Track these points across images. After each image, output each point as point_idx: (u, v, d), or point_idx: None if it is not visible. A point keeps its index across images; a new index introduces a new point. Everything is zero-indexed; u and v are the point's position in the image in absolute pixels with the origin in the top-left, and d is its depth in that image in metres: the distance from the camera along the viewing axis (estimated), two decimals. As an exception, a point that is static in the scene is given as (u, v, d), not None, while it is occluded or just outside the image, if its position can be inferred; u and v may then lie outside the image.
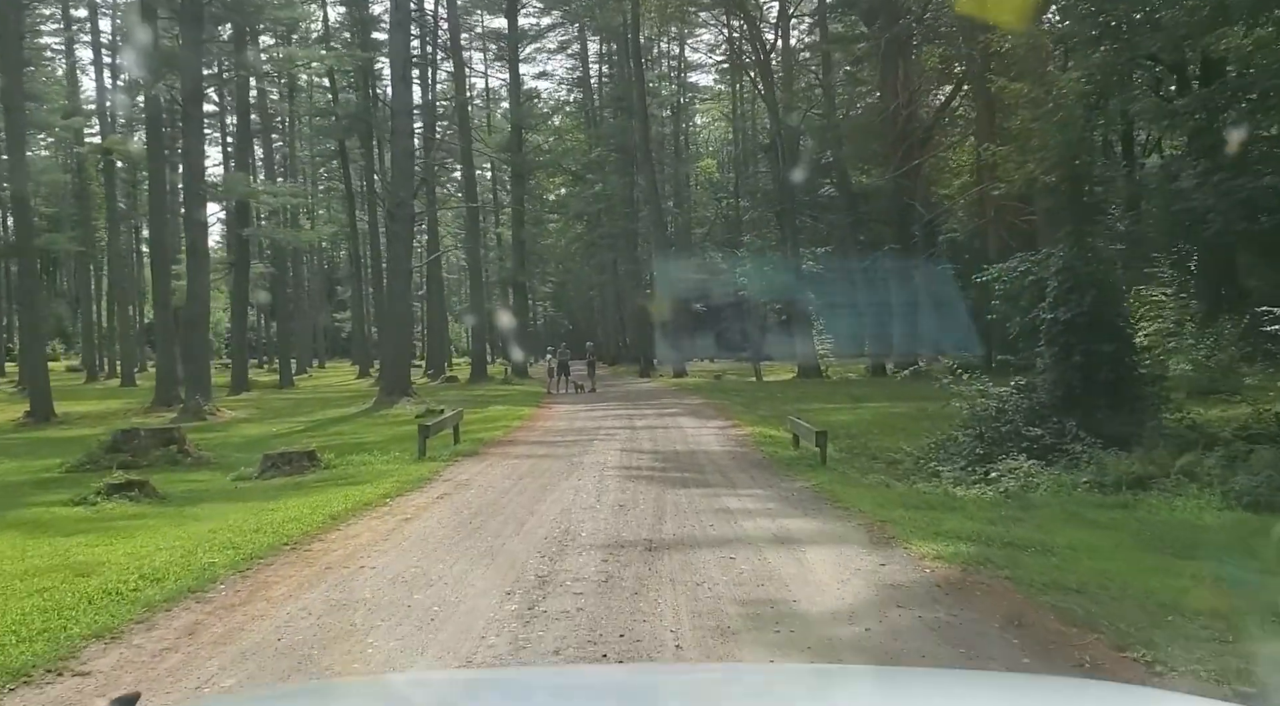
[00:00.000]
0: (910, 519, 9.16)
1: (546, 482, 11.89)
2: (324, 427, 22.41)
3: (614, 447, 15.57)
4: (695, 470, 12.99)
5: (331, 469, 14.03)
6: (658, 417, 21.24)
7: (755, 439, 16.70)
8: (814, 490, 11.10)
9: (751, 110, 53.77)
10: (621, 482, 11.74)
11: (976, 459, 13.45)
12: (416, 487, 11.68)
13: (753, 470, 12.96)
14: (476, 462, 14.10)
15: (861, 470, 14.11)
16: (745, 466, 13.33)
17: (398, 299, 26.26)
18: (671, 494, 10.86)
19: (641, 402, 26.32)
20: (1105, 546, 8.16)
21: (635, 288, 50.65)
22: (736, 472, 12.68)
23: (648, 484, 11.70)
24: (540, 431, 18.90)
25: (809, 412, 22.35)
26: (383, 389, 26.35)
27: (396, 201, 26.10)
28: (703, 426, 19.24)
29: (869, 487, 11.73)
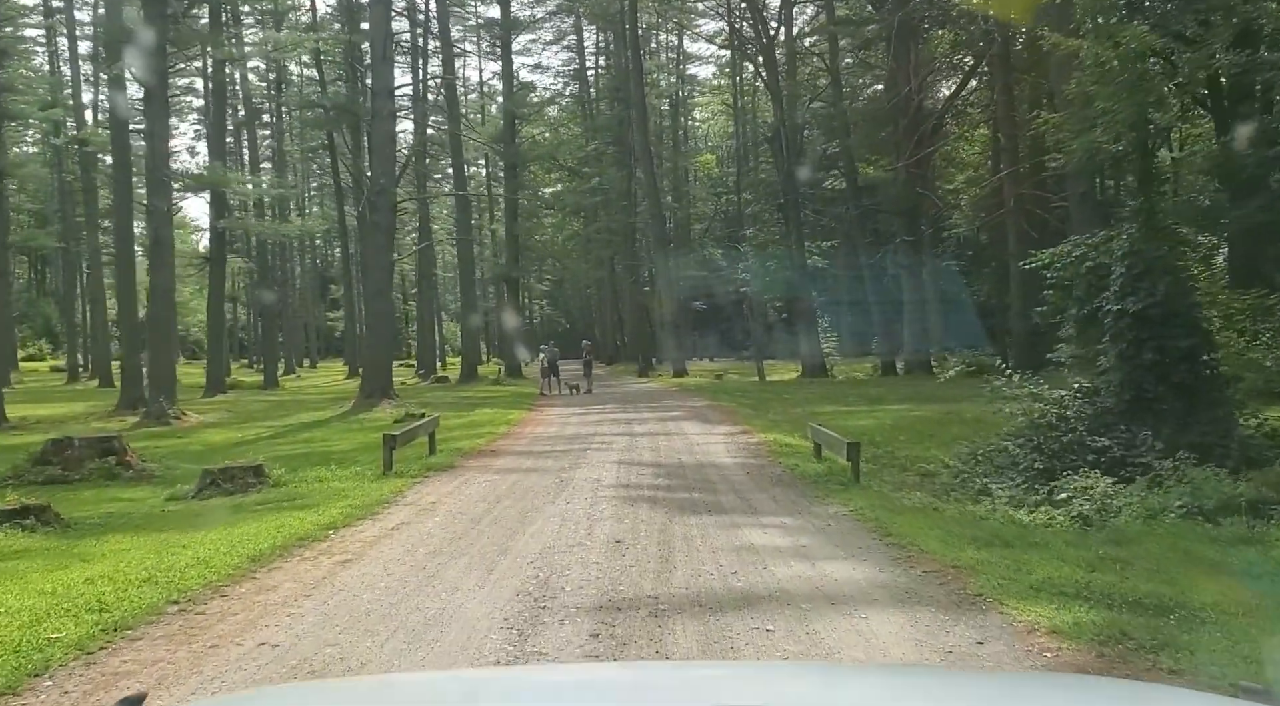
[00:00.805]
0: (988, 563, 7.04)
1: (529, 506, 9.75)
2: (293, 434, 20.28)
3: (610, 459, 13.44)
4: (706, 488, 10.85)
5: (280, 486, 11.88)
6: (659, 422, 19.12)
7: (770, 448, 14.57)
8: (854, 517, 8.98)
9: (752, 103, 51.62)
10: (618, 507, 9.61)
11: (1036, 474, 11.31)
12: (371, 513, 9.54)
13: (774, 488, 10.82)
14: (450, 479, 11.96)
15: (896, 485, 12.03)
16: (764, 483, 11.19)
17: (378, 294, 24.10)
18: (680, 523, 8.74)
19: (640, 405, 24.19)
20: (1268, 607, 6.02)
21: (633, 285, 48.53)
22: (755, 492, 10.54)
23: (650, 508, 9.57)
24: (528, 439, 16.76)
25: (823, 416, 20.25)
26: (362, 391, 24.22)
27: (377, 189, 23.95)
28: (709, 433, 17.11)
29: (916, 512, 9.60)
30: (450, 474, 12.40)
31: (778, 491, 10.60)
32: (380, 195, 23.79)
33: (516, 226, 39.25)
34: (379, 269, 24.13)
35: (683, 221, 55.79)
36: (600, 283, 54.12)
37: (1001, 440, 13.13)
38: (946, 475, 13.38)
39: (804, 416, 20.19)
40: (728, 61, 53.12)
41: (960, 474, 13.04)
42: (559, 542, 7.94)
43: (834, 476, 11.37)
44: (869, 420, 19.18)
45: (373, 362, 24.56)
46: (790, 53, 36.20)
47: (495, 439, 16.70)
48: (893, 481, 12.40)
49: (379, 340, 24.39)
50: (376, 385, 24.02)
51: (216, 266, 29.98)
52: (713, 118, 63.78)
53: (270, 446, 18.42)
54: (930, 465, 13.99)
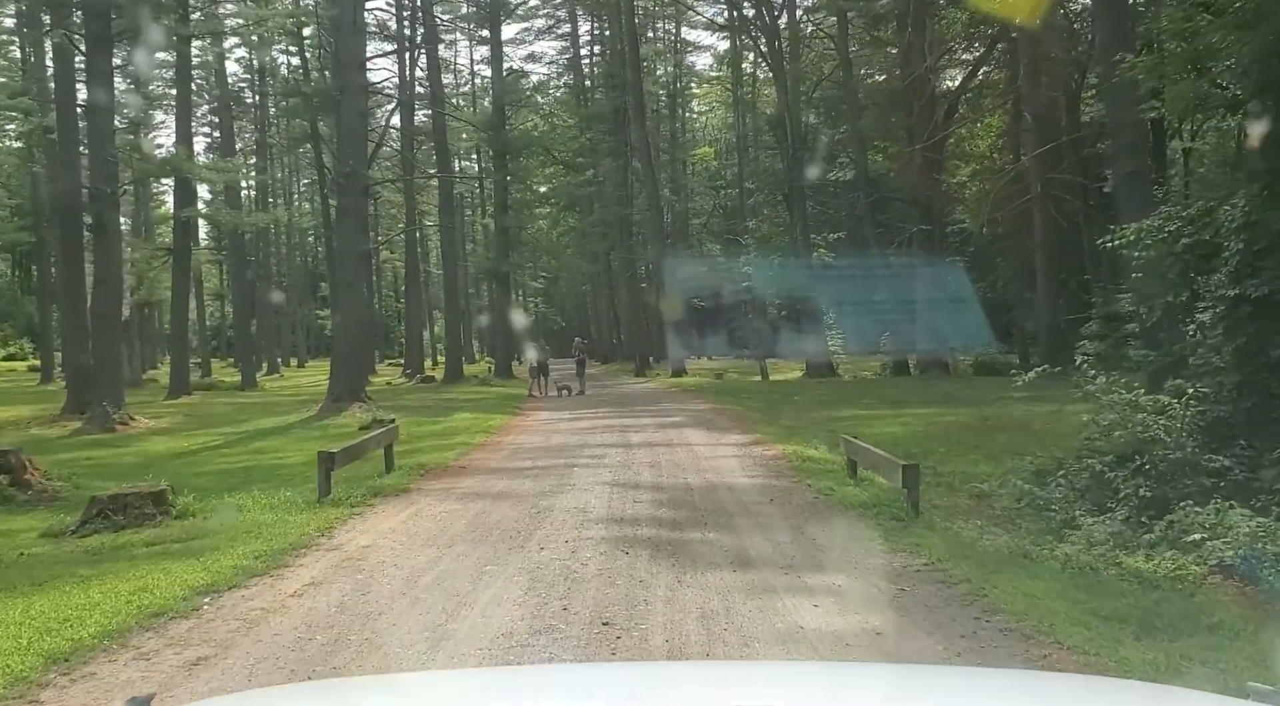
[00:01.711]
0: (1170, 666, 4.51)
1: (489, 556, 7.21)
2: (246, 443, 17.70)
3: (601, 480, 10.88)
4: (722, 525, 8.30)
5: (185, 519, 9.31)
6: (658, 430, 16.56)
7: (792, 464, 12.03)
8: (932, 575, 6.45)
9: (753, 94, 48.98)
10: (609, 556, 7.07)
11: (1141, 503, 8.78)
12: (276, 566, 6.99)
13: (810, 524, 8.27)
14: (399, 508, 9.41)
15: (948, 510, 9.56)
16: (796, 516, 8.64)
17: (348, 286, 21.50)
18: (693, 584, 6.21)
19: (638, 408, 21.63)
20: None
21: (629, 281, 45.91)
22: (788, 531, 7.99)
23: (651, 558, 7.03)
24: (507, 451, 14.19)
25: (843, 422, 17.73)
26: (330, 393, 21.64)
27: (346, 171, 21.38)
28: (717, 443, 14.55)
29: (1007, 563, 7.07)
30: (402, 501, 9.83)
31: (816, 529, 8.04)
32: (350, 178, 21.21)
33: (506, 219, 36.63)
34: (349, 258, 21.52)
35: (680, 216, 53.21)
36: (595, 278, 51.53)
37: (1082, 457, 10.61)
38: (1007, 498, 10.88)
39: (822, 422, 17.68)
40: (727, 51, 50.67)
41: (1027, 497, 10.54)
42: (520, 625, 5.39)
43: (883, 506, 8.82)
44: (896, 426, 16.64)
45: (342, 362, 21.95)
46: (793, 32, 33.56)
47: (469, 451, 14.13)
48: (946, 507, 9.89)
49: (349, 337, 21.77)
50: (346, 387, 21.46)
51: (180, 258, 27.36)
52: (711, 111, 61.15)
53: (213, 458, 15.88)
54: (983, 484, 11.48)
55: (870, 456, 9.79)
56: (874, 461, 9.62)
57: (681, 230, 52.57)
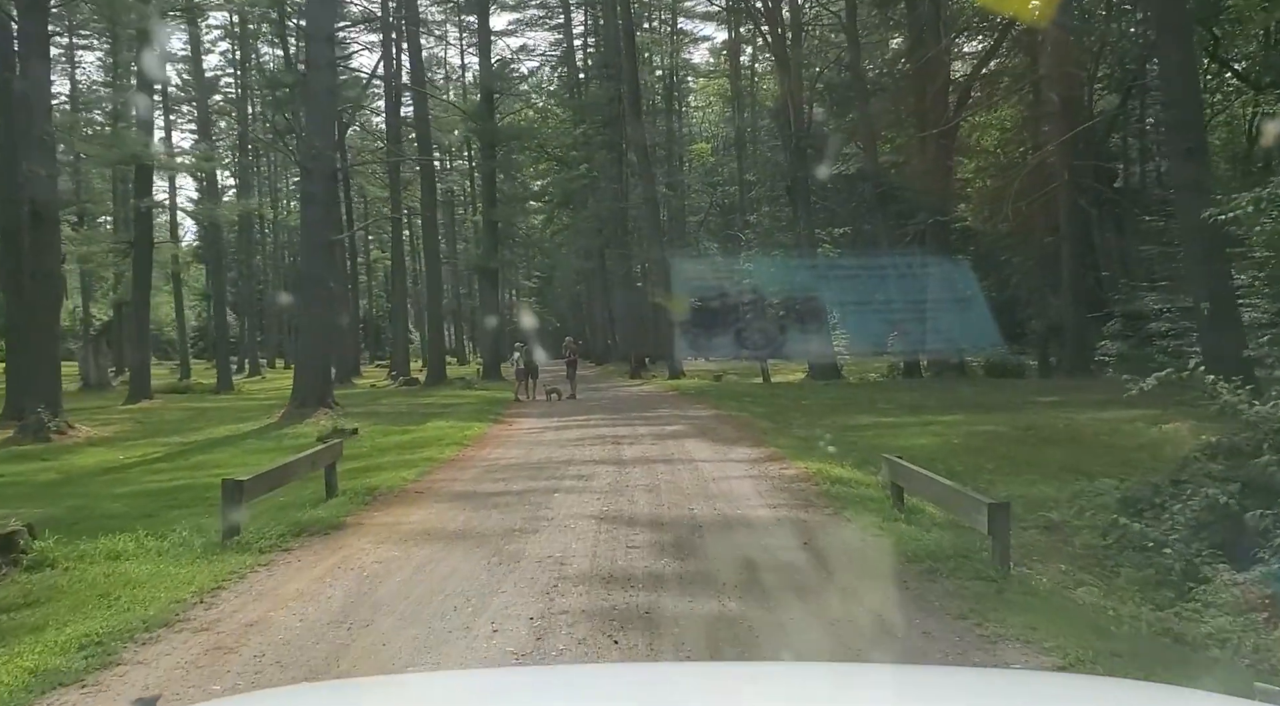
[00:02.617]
0: None
1: (415, 646, 4.95)
2: (188, 456, 15.42)
3: (586, 511, 8.63)
4: (748, 588, 6.04)
5: (39, 570, 7.04)
6: (656, 441, 14.30)
7: (819, 486, 9.79)
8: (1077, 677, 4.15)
9: (751, 88, 46.73)
10: (590, 647, 4.82)
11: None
12: (96, 667, 4.73)
13: (868, 589, 6.02)
14: (320, 556, 7.16)
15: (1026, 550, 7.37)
16: (846, 573, 6.39)
17: (313, 281, 19.18)
18: None
19: (632, 415, 19.37)
20: None
21: (624, 279, 43.65)
22: (839, 598, 5.73)
23: (650, 648, 4.77)
24: (478, 469, 11.91)
25: (862, 431, 15.55)
26: (294, 398, 19.37)
27: (312, 153, 19.10)
28: (725, 458, 12.30)
29: (1161, 653, 4.82)
30: (329, 543, 7.58)
31: (877, 597, 5.78)
32: (316, 160, 18.92)
33: (495, 212, 34.30)
34: (315, 250, 19.21)
35: (677, 212, 50.98)
36: (589, 277, 49.17)
37: (1185, 481, 8.42)
38: (1088, 531, 8.70)
39: (839, 431, 15.45)
40: (725, 42, 48.50)
41: (1116, 531, 8.34)
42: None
43: (958, 559, 6.56)
44: (927, 437, 14.39)
45: (307, 364, 19.63)
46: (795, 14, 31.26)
47: (434, 468, 11.85)
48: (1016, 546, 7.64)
49: (314, 337, 19.43)
50: (312, 391, 19.18)
51: (140, 250, 25.03)
52: (709, 105, 58.86)
53: (143, 475, 13.61)
54: (1052, 512, 9.30)
55: (930, 486, 7.55)
56: (938, 493, 7.39)
57: (678, 228, 50.32)
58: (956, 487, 7.07)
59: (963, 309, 30.39)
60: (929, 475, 7.70)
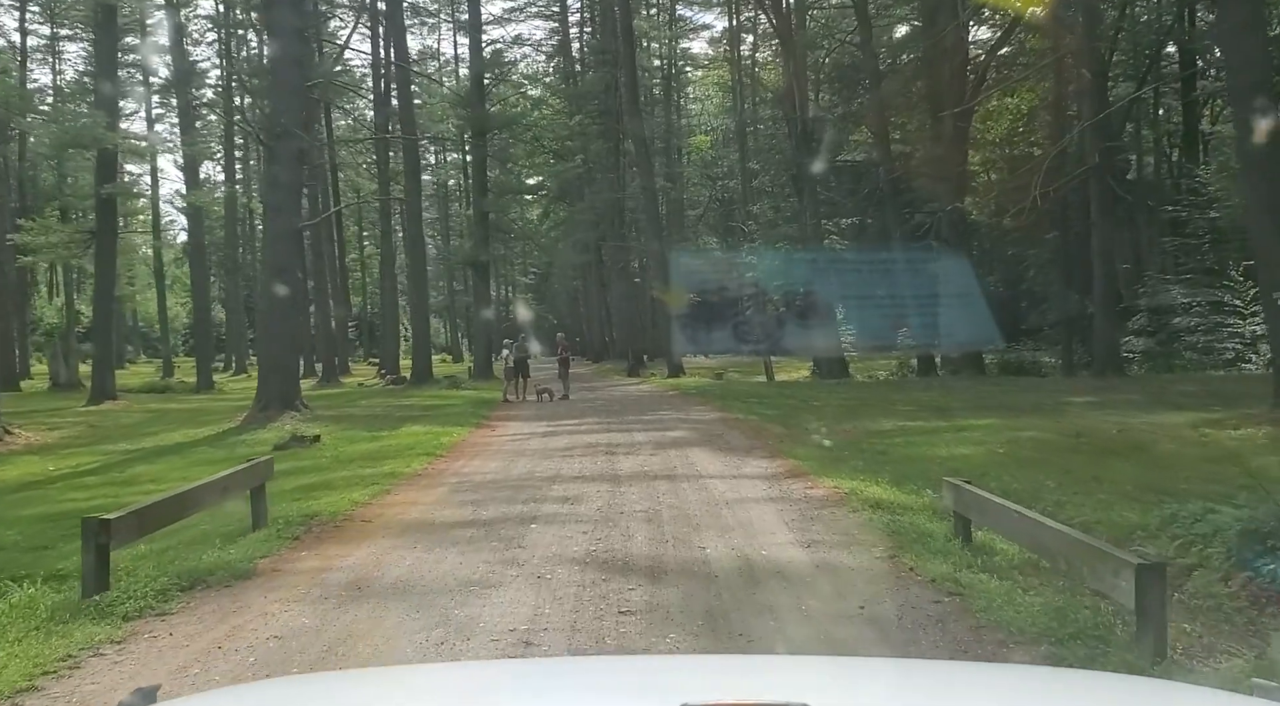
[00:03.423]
0: None
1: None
2: (126, 467, 13.49)
3: (569, 553, 6.70)
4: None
5: None
6: (656, 451, 12.36)
7: (858, 514, 7.88)
8: None
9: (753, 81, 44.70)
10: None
11: None
12: None
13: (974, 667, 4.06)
14: (203, 626, 5.23)
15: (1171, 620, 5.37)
16: (936, 651, 4.42)
17: (278, 272, 17.15)
18: None
19: (630, 418, 17.43)
20: None
21: (622, 273, 41.68)
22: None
23: None
24: (445, 488, 9.94)
25: (888, 438, 13.63)
26: (258, 401, 17.44)
27: (276, 131, 17.14)
28: (738, 473, 10.37)
29: None
30: (224, 603, 5.65)
31: None
32: (281, 140, 16.97)
33: (486, 203, 32.29)
34: (280, 239, 17.25)
35: (676, 205, 48.98)
36: (586, 271, 47.18)
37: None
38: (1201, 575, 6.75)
39: (863, 438, 13.55)
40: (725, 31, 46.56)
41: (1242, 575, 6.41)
42: None
43: (1075, 628, 4.63)
44: (966, 446, 12.45)
45: (271, 364, 17.65)
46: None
47: (394, 486, 9.92)
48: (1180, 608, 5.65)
49: (279, 333, 17.44)
50: (277, 393, 17.23)
51: (103, 242, 23.05)
52: (708, 97, 56.84)
53: (66, 492, 11.68)
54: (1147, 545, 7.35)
55: (1024, 527, 5.61)
56: (1039, 538, 5.43)
57: (677, 222, 48.34)
58: (1080, 537, 5.13)
59: (977, 304, 28.50)
60: (1022, 512, 5.77)
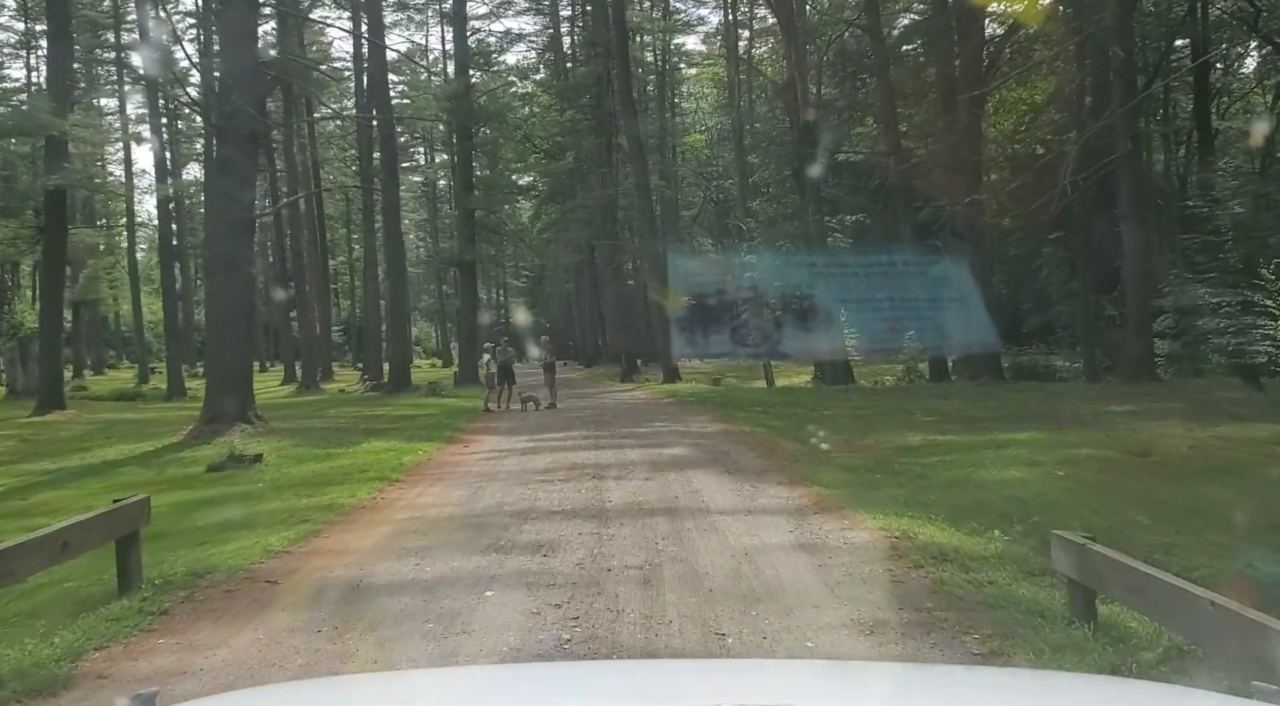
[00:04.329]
0: None
1: None
2: (35, 492, 11.41)
3: (531, 644, 4.65)
4: None
5: None
6: (653, 474, 10.31)
7: (923, 571, 5.86)
8: None
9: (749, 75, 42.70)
10: None
11: None
12: None
13: None
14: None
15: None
16: None
17: (227, 267, 15.03)
18: None
19: (622, 431, 15.37)
20: None
21: (614, 275, 39.64)
22: None
23: None
24: (388, 529, 7.84)
25: (921, 455, 11.65)
26: (205, 412, 15.35)
27: (226, 109, 15.10)
28: (753, 504, 8.34)
29: None
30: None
31: None
32: (231, 118, 14.93)
33: (472, 200, 30.29)
34: (228, 228, 15.17)
35: (670, 206, 46.93)
36: (578, 273, 45.12)
37: None
38: None
39: (892, 455, 11.56)
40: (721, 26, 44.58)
41: None
42: None
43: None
44: (1016, 467, 10.43)
45: (219, 370, 15.53)
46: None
47: (325, 526, 7.86)
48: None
49: (228, 337, 15.30)
50: (226, 403, 15.14)
51: (52, 236, 20.97)
52: (703, 94, 54.82)
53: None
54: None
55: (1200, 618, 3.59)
56: (1226, 631, 3.40)
57: (672, 222, 46.31)
58: None
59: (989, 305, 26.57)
60: (1209, 598, 3.74)
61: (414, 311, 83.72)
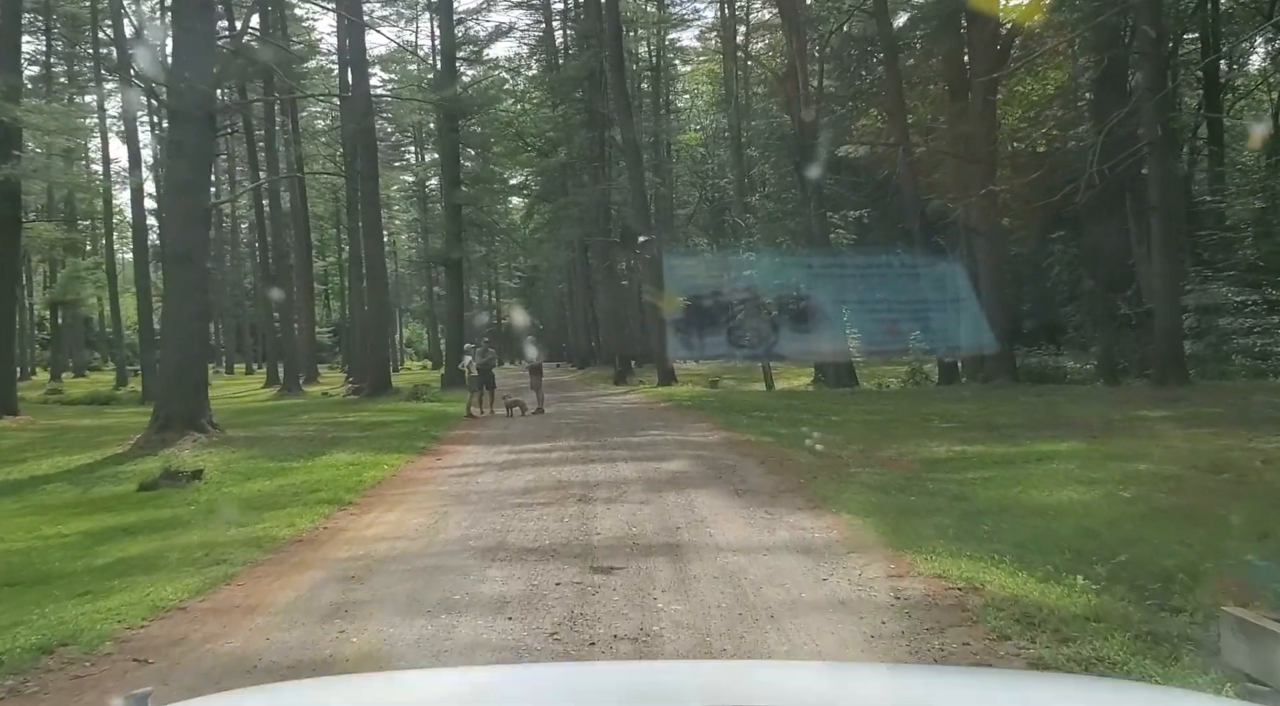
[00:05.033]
0: None
1: None
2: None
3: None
4: None
5: None
6: (649, 497, 8.74)
7: (1016, 650, 4.26)
8: None
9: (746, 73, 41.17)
10: None
11: None
12: None
13: None
14: None
15: None
16: None
17: (178, 262, 13.46)
18: None
19: (614, 441, 13.78)
20: None
21: (608, 273, 38.07)
22: None
23: None
24: (319, 574, 6.24)
25: (956, 471, 10.11)
26: (154, 420, 13.76)
27: (179, 87, 13.52)
28: (771, 540, 6.77)
29: None
30: None
31: None
32: (184, 97, 13.37)
33: (458, 195, 28.68)
34: (183, 218, 13.61)
35: (665, 204, 45.38)
36: (571, 273, 43.53)
37: None
38: None
39: (919, 470, 10.04)
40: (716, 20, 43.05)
41: None
42: None
43: None
44: (1070, 487, 8.87)
45: (171, 373, 13.93)
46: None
47: (246, 569, 6.28)
48: None
49: (180, 337, 13.67)
50: (177, 410, 13.55)
51: (6, 235, 19.33)
52: (699, 92, 53.26)
53: None
54: None
55: None
56: None
57: (666, 221, 44.75)
58: None
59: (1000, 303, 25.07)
60: None
61: (406, 313, 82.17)
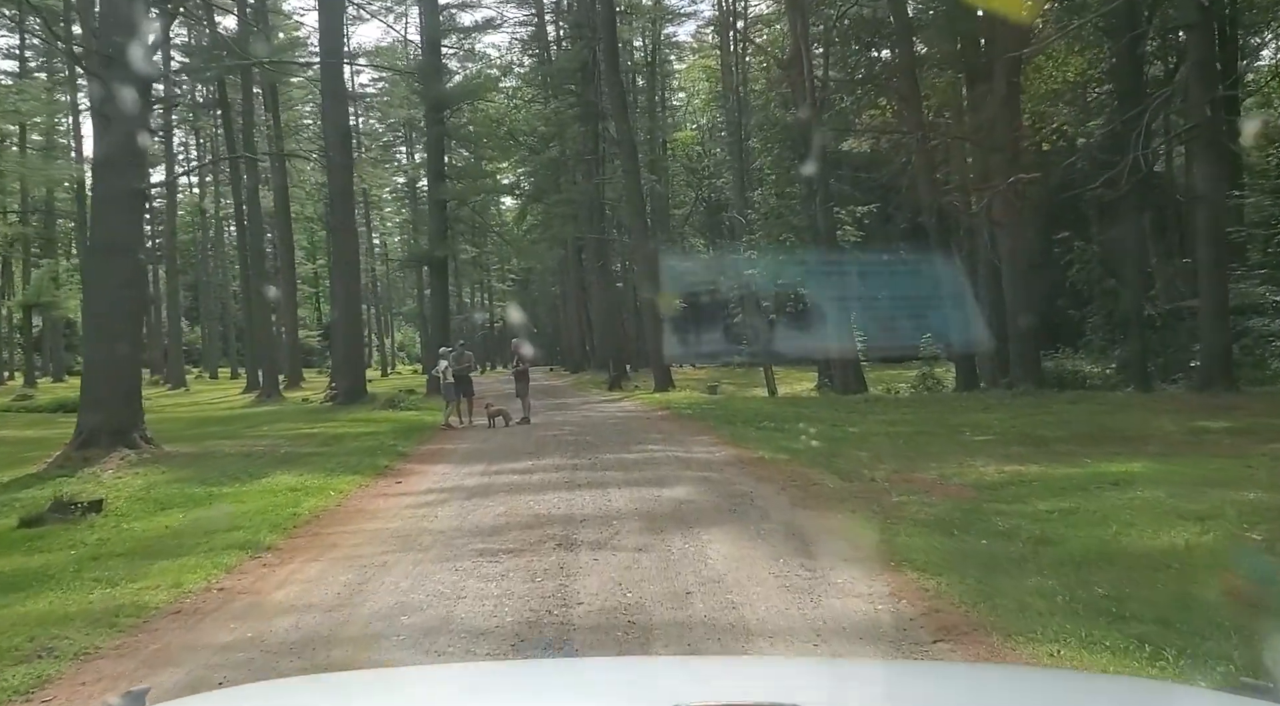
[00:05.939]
0: None
1: None
2: None
3: None
4: None
5: None
6: (647, 541, 6.82)
7: None
8: None
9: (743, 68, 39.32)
10: None
11: None
12: None
13: None
14: None
15: None
16: None
17: (106, 253, 11.56)
18: None
19: (608, 460, 11.83)
20: None
21: (602, 274, 36.18)
22: None
23: None
24: (173, 680, 4.37)
25: (1020, 498, 8.25)
26: (78, 433, 11.84)
27: (107, 49, 11.62)
28: (816, 620, 4.86)
29: None
30: None
31: None
32: (112, 66, 11.47)
33: (443, 190, 26.77)
34: (111, 202, 11.74)
35: (661, 203, 43.53)
36: (564, 274, 41.65)
37: None
38: None
39: (978, 498, 8.15)
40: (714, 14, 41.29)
41: None
42: None
43: None
44: (1176, 524, 6.96)
45: (97, 377, 12.05)
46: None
47: (68, 669, 4.36)
48: None
49: (109, 337, 11.78)
50: (104, 421, 11.64)
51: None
52: (695, 89, 51.40)
53: None
54: None
55: None
56: None
57: (662, 221, 42.91)
58: None
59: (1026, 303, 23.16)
60: None
61: (398, 316, 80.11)
